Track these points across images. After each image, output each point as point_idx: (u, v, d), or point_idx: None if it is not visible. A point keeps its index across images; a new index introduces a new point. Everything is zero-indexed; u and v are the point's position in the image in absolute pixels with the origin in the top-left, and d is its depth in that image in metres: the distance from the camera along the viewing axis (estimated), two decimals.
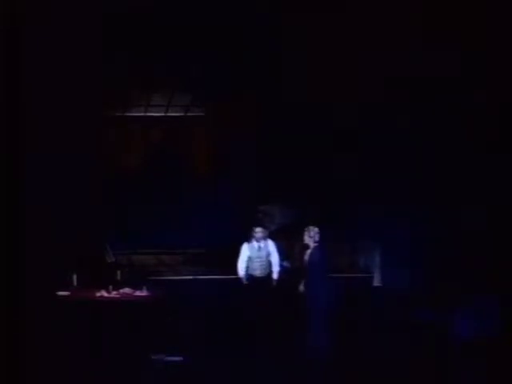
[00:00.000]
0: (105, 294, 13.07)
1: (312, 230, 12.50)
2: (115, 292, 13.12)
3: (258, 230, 13.46)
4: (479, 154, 14.56)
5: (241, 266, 13.44)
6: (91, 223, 15.40)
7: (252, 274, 13.46)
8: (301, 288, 12.56)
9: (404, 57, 14.95)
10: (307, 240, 12.52)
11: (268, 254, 13.49)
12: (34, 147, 13.16)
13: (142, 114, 19.76)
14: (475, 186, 14.45)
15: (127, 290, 13.22)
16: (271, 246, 13.57)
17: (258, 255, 13.45)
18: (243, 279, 13.41)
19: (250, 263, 13.45)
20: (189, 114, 19.81)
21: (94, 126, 16.60)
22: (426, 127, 15.09)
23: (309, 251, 12.52)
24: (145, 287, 13.27)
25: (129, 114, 19.62)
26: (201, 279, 15.54)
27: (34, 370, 10.96)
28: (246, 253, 13.46)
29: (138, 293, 13.19)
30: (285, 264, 14.63)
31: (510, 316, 13.06)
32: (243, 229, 13.71)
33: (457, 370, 11.73)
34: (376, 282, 15.64)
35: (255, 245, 13.48)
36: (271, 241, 13.64)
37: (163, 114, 19.77)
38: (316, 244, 12.47)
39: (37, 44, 13.37)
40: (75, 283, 13.38)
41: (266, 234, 13.70)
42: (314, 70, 16.09)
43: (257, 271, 13.47)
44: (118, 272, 13.75)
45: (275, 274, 13.47)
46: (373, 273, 15.75)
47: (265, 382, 11.49)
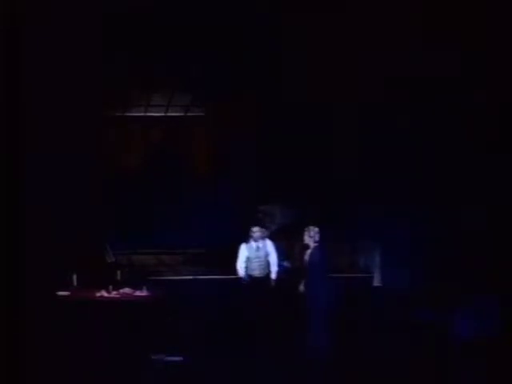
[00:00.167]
0: (105, 294, 13.08)
1: (312, 229, 12.51)
2: (115, 292, 13.12)
3: (256, 230, 13.43)
4: (479, 154, 14.56)
5: (240, 266, 13.43)
6: (91, 223, 15.39)
7: (251, 275, 13.45)
8: (301, 288, 12.56)
9: (404, 57, 14.95)
10: (307, 240, 12.52)
11: (266, 254, 13.46)
12: (34, 147, 13.17)
13: (142, 114, 19.76)
14: (475, 185, 14.44)
15: (127, 290, 13.22)
16: (270, 245, 13.55)
17: (256, 255, 13.43)
18: (245, 278, 13.42)
19: (248, 263, 13.43)
20: (189, 114, 19.80)
21: (94, 125, 16.59)
22: (426, 127, 15.09)
23: (309, 251, 12.52)
24: (145, 287, 13.27)
25: (129, 114, 19.62)
26: (201, 279, 15.54)
27: (33, 369, 10.96)
28: (244, 253, 13.44)
29: (138, 293, 13.20)
30: (285, 264, 14.64)
31: (510, 316, 13.06)
32: (243, 229, 13.69)
33: (457, 370, 11.73)
34: (376, 282, 15.63)
35: (253, 245, 13.46)
36: (269, 241, 13.63)
37: (163, 114, 19.77)
38: (316, 244, 12.48)
39: (37, 44, 13.38)
40: (75, 283, 13.38)
41: (264, 234, 13.69)
42: (314, 69, 16.09)
43: (256, 271, 13.45)
44: (118, 272, 13.75)
45: (274, 274, 13.46)
46: (373, 273, 15.75)
47: (265, 382, 11.49)
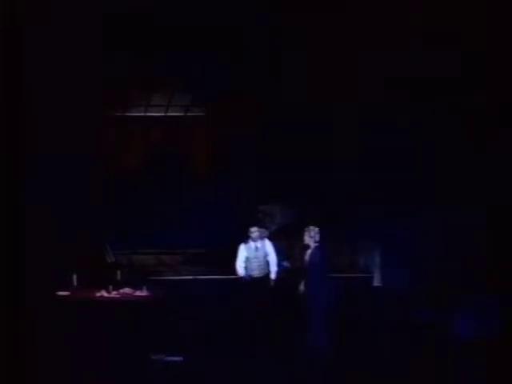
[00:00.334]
0: (105, 294, 13.08)
1: (312, 230, 12.51)
2: (115, 292, 13.12)
3: (254, 230, 13.43)
4: (479, 154, 14.56)
5: (240, 266, 13.43)
6: (91, 223, 15.40)
7: (250, 275, 13.46)
8: (301, 288, 12.57)
9: (404, 57, 14.95)
10: (307, 240, 12.52)
11: (265, 254, 13.46)
12: (34, 147, 13.17)
13: (142, 114, 19.75)
14: (475, 185, 14.44)
15: (127, 289, 13.22)
16: (268, 246, 13.55)
17: (255, 255, 13.43)
18: (245, 277, 13.42)
19: (247, 264, 13.42)
20: (189, 114, 19.79)
21: (94, 125, 16.60)
22: (426, 127, 15.09)
23: (309, 251, 12.52)
24: (145, 287, 13.27)
25: (129, 114, 19.61)
26: (201, 279, 15.53)
27: (34, 369, 10.96)
28: (243, 253, 13.44)
29: (138, 293, 13.20)
30: (285, 264, 14.64)
31: (510, 316, 13.07)
32: (243, 229, 13.69)
33: (457, 370, 11.73)
34: (376, 282, 15.62)
35: (252, 245, 13.46)
36: (268, 241, 13.63)
37: (163, 114, 19.75)
38: (316, 244, 12.48)
39: (37, 44, 13.38)
40: (75, 283, 13.38)
41: (263, 234, 13.70)
42: (314, 69, 16.09)
43: (255, 271, 13.45)
44: (118, 272, 13.75)
45: (273, 274, 13.47)
46: (373, 273, 15.74)
47: (265, 382, 11.49)
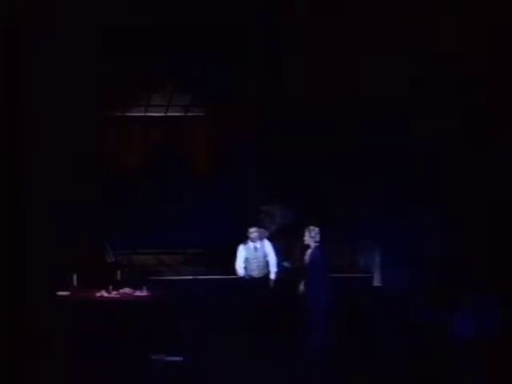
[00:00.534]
0: (105, 294, 13.08)
1: (313, 230, 12.51)
2: (115, 292, 13.13)
3: (253, 231, 13.45)
4: (479, 154, 14.55)
5: (239, 266, 13.44)
6: (91, 223, 15.40)
7: (250, 275, 13.46)
8: (301, 288, 12.57)
9: (404, 57, 14.94)
10: (308, 240, 12.52)
11: (265, 254, 13.48)
12: (34, 147, 13.16)
13: (142, 114, 19.72)
14: (475, 185, 14.43)
15: (127, 289, 13.23)
16: (268, 246, 13.57)
17: (254, 256, 13.45)
18: (245, 277, 13.42)
19: (247, 264, 13.45)
20: (189, 114, 19.76)
21: (94, 125, 16.61)
22: (426, 127, 15.07)
23: (309, 251, 12.52)
24: (145, 287, 13.28)
25: (129, 114, 19.58)
26: (201, 279, 15.52)
27: (34, 369, 10.96)
28: (242, 254, 13.46)
29: (138, 293, 13.20)
30: (285, 264, 14.65)
31: (510, 316, 13.06)
32: (243, 229, 13.69)
33: (457, 370, 11.72)
34: (376, 282, 15.62)
35: (251, 246, 13.48)
36: (268, 241, 13.65)
37: (163, 114, 19.73)
38: (317, 244, 12.48)
39: (37, 44, 13.37)
40: (75, 283, 13.39)
41: (263, 235, 13.72)
42: (314, 69, 16.07)
43: (254, 272, 13.47)
44: (118, 272, 13.76)
45: (273, 275, 13.48)
46: (373, 273, 15.74)
47: (265, 382, 11.48)
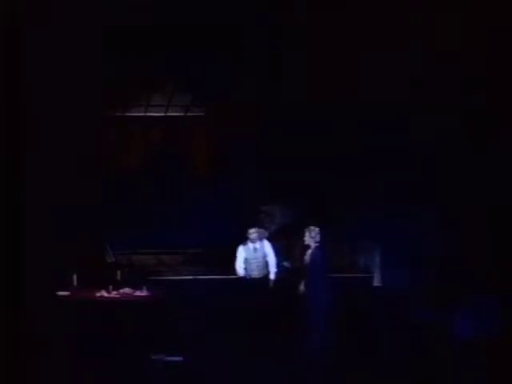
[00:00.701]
0: (105, 294, 13.08)
1: (313, 230, 12.51)
2: (115, 292, 13.13)
3: (252, 232, 13.47)
4: (479, 154, 14.55)
5: (239, 267, 13.45)
6: (91, 223, 15.40)
7: (250, 275, 13.47)
8: (301, 288, 12.57)
9: (404, 57, 14.94)
10: (308, 240, 12.52)
11: (264, 255, 13.50)
12: (34, 147, 13.17)
13: (142, 114, 19.72)
14: (475, 186, 14.43)
15: (127, 290, 13.23)
16: (267, 246, 13.59)
17: (254, 256, 13.46)
18: (245, 277, 13.43)
19: (247, 265, 13.47)
20: (189, 114, 19.76)
21: (94, 125, 16.61)
22: (426, 127, 15.07)
23: (310, 251, 12.51)
24: (145, 287, 13.28)
25: (129, 114, 19.59)
26: (201, 279, 15.52)
27: (34, 369, 10.96)
28: (242, 255, 13.48)
29: (138, 293, 13.21)
30: (285, 264, 14.65)
31: (510, 316, 13.06)
32: (243, 229, 13.70)
33: (457, 370, 11.72)
34: (376, 282, 15.62)
35: (250, 246, 13.49)
36: (267, 241, 13.66)
37: (163, 114, 19.73)
38: (317, 244, 12.48)
39: (37, 44, 13.37)
40: (75, 283, 13.39)
41: (262, 235, 13.73)
42: (314, 69, 16.07)
43: (254, 272, 13.48)
44: (118, 272, 13.76)
45: (272, 275, 13.49)
46: (373, 273, 15.74)
47: (265, 382, 11.48)
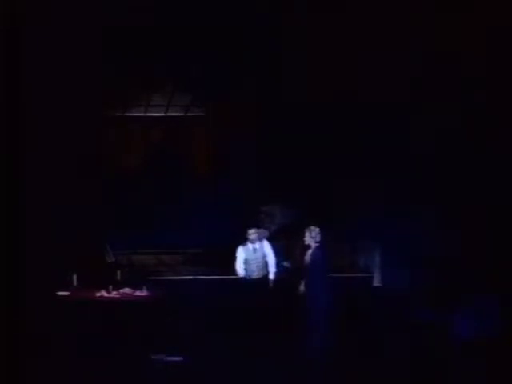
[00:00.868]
0: (105, 294, 13.08)
1: (313, 230, 12.50)
2: (115, 292, 13.13)
3: (252, 232, 13.48)
4: (479, 154, 14.55)
5: (240, 267, 13.46)
6: (91, 223, 15.40)
7: (250, 276, 13.48)
8: (301, 288, 12.56)
9: (404, 57, 14.94)
10: (308, 240, 12.51)
11: (264, 255, 13.52)
12: (34, 147, 13.17)
13: (142, 114, 19.71)
14: (475, 185, 14.43)
15: (127, 290, 13.23)
16: (267, 247, 13.60)
17: (254, 257, 13.47)
18: (245, 278, 13.44)
19: (246, 265, 13.48)
20: (189, 114, 19.76)
21: (94, 125, 16.60)
22: (426, 127, 15.07)
23: (310, 251, 12.51)
24: (145, 287, 13.28)
25: (129, 114, 19.58)
26: (201, 279, 15.52)
27: (34, 369, 10.96)
28: (241, 255, 13.49)
29: (138, 293, 13.21)
30: (285, 264, 14.65)
31: (510, 316, 13.06)
32: (243, 229, 13.70)
33: (457, 370, 11.72)
34: (376, 282, 15.62)
35: (250, 247, 13.50)
36: (267, 242, 13.67)
37: (163, 114, 19.73)
38: (317, 244, 12.47)
39: (37, 44, 13.37)
40: (75, 283, 13.39)
41: (262, 235, 13.73)
42: (314, 69, 16.07)
43: (254, 272, 13.49)
44: (118, 272, 13.76)
45: (272, 275, 13.50)
46: (373, 273, 15.74)
47: (265, 382, 11.48)
